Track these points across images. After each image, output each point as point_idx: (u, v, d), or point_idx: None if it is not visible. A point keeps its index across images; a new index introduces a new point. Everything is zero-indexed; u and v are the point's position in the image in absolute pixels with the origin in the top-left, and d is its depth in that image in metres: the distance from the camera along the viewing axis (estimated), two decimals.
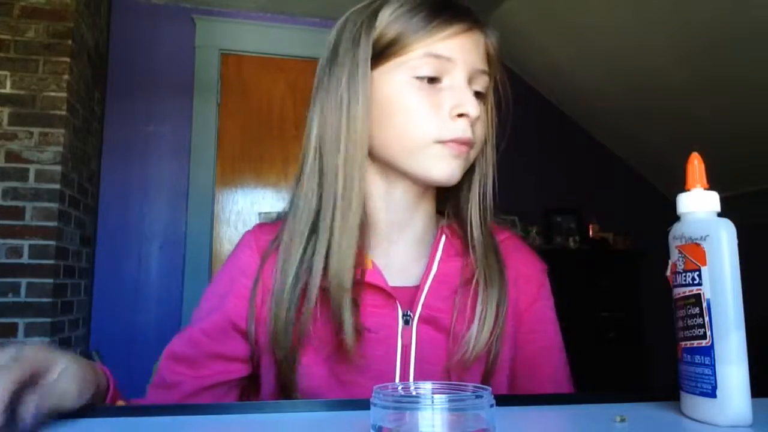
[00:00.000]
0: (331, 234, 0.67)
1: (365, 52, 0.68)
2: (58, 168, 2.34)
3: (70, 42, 2.40)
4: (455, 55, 0.67)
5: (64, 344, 2.45)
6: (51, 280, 2.29)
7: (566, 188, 3.42)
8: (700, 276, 0.51)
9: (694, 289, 0.51)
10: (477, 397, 0.41)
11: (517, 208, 3.26)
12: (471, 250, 0.73)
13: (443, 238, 0.75)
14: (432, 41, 0.67)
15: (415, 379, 0.68)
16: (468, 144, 0.68)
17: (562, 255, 3.23)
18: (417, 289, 0.71)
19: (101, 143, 2.92)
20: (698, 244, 0.51)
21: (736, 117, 2.80)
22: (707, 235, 0.51)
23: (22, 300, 2.26)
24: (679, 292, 0.53)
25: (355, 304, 0.67)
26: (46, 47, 2.38)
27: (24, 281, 2.27)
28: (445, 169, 0.68)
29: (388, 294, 0.70)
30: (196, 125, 3.04)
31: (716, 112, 2.84)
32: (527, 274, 0.78)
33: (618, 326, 3.17)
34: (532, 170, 3.38)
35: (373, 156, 0.71)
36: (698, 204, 0.54)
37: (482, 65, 0.70)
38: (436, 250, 0.74)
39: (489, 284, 0.70)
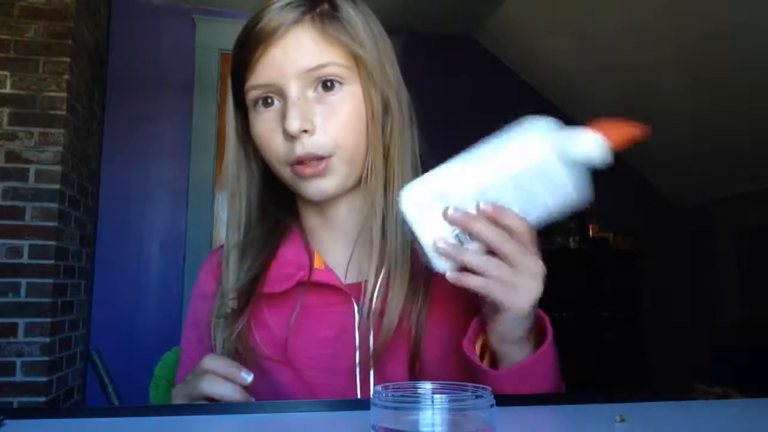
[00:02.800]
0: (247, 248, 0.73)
1: (229, 90, 0.73)
2: (58, 168, 2.34)
3: (70, 42, 2.40)
4: (270, 76, 0.66)
5: (64, 344, 2.45)
6: (51, 280, 2.29)
7: None
8: None
9: None
10: (477, 397, 0.41)
11: None
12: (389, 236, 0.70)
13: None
14: (249, 73, 0.67)
15: (375, 372, 0.68)
16: (312, 159, 0.66)
17: (562, 255, 3.23)
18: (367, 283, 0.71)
19: (101, 143, 2.92)
20: None
21: (737, 117, 2.80)
22: None
23: (22, 300, 2.26)
24: None
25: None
26: (46, 47, 2.38)
27: (24, 281, 2.27)
28: (308, 190, 0.68)
29: (342, 291, 0.70)
30: (196, 125, 3.04)
31: (716, 112, 2.84)
32: None
33: (618, 326, 3.17)
34: None
35: None
36: None
37: (310, 61, 0.66)
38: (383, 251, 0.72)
39: (400, 267, 0.68)
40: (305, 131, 0.65)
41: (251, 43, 0.66)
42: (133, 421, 0.52)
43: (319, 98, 0.67)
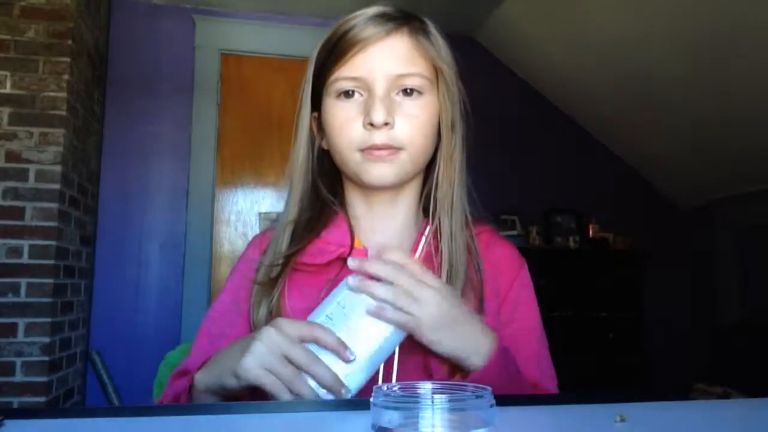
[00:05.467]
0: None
1: (308, 80, 0.80)
2: (58, 168, 2.34)
3: (70, 42, 2.40)
4: (362, 72, 0.74)
5: (64, 344, 2.45)
6: (51, 280, 2.29)
7: (566, 188, 3.42)
8: None
9: None
10: (477, 397, 0.41)
11: (518, 208, 3.26)
12: (441, 244, 0.78)
13: (427, 229, 0.80)
14: (342, 64, 0.75)
15: (399, 354, 0.72)
16: (387, 148, 0.74)
17: (562, 255, 3.23)
18: None
19: (101, 143, 2.92)
20: None
21: (737, 117, 2.80)
22: None
23: (22, 300, 2.26)
24: None
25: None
26: (46, 47, 2.38)
27: (24, 281, 2.27)
28: (371, 173, 0.75)
29: None
30: (196, 125, 3.04)
31: (717, 112, 2.84)
32: (504, 265, 0.83)
33: (618, 326, 3.17)
34: (532, 170, 3.38)
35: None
36: None
37: (401, 68, 0.75)
38: (421, 236, 0.80)
39: (453, 278, 0.75)
40: (386, 124, 0.73)
41: (348, 42, 0.74)
42: (133, 421, 0.52)
43: (400, 102, 0.75)
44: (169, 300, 2.88)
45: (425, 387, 0.46)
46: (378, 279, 0.64)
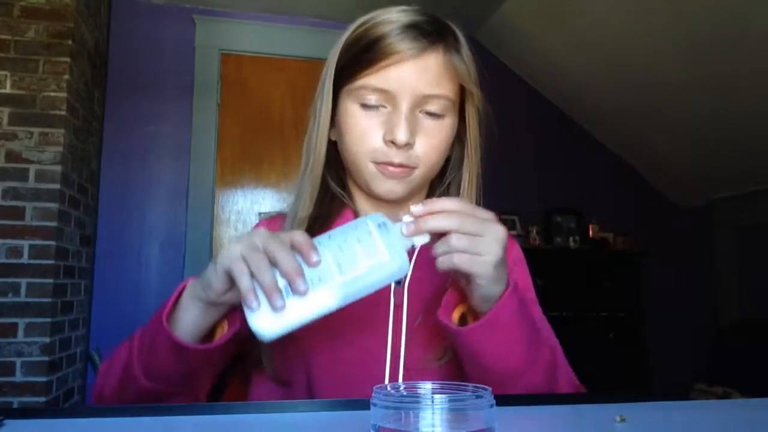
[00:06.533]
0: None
1: (329, 75, 0.77)
2: (58, 168, 2.34)
3: (70, 42, 2.40)
4: (392, 86, 0.72)
5: (64, 344, 2.45)
6: (51, 280, 2.29)
7: (566, 188, 3.42)
8: None
9: None
10: (477, 397, 0.41)
11: (517, 208, 3.26)
12: None
13: None
14: (370, 72, 0.73)
15: (407, 339, 0.72)
16: (402, 167, 0.74)
17: (562, 255, 3.23)
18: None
19: (101, 143, 2.92)
20: None
21: (737, 117, 2.80)
22: None
23: (22, 300, 2.26)
24: None
25: None
26: (46, 47, 2.38)
27: (24, 281, 2.27)
28: (381, 187, 0.76)
29: None
30: (196, 125, 3.04)
31: (717, 112, 2.84)
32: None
33: (618, 326, 3.17)
34: (532, 170, 3.38)
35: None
36: None
37: (430, 89, 0.73)
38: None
39: None
40: (407, 144, 0.72)
41: (381, 52, 0.72)
42: (133, 421, 0.52)
43: (422, 120, 0.74)
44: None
45: (425, 387, 0.46)
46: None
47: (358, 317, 0.72)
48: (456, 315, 0.68)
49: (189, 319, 0.62)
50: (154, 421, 0.52)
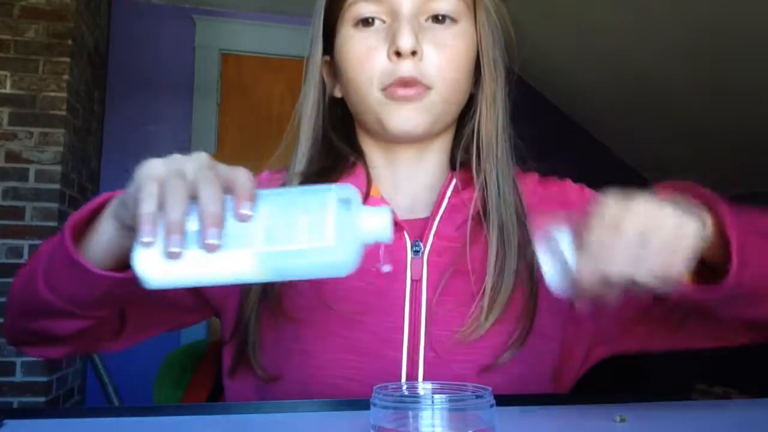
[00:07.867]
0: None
1: (318, 15, 0.70)
2: (58, 168, 2.34)
3: (70, 42, 2.40)
4: None
5: None
6: None
7: None
8: None
9: None
10: (477, 397, 0.41)
11: None
12: (488, 205, 0.66)
13: (453, 180, 0.69)
14: None
15: (427, 315, 0.62)
16: (414, 84, 0.62)
17: None
18: (427, 220, 0.67)
19: (101, 143, 2.92)
20: None
21: (737, 117, 2.80)
22: None
23: None
24: None
25: None
26: (46, 47, 2.38)
27: None
28: (395, 117, 0.64)
29: (396, 224, 0.64)
30: (196, 125, 3.04)
31: (717, 112, 2.84)
32: (573, 202, 0.74)
33: None
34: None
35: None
36: None
37: None
38: (446, 188, 0.68)
39: (506, 245, 0.63)
40: (414, 53, 0.61)
41: None
42: (133, 421, 0.52)
43: (430, 29, 0.64)
44: None
45: (425, 387, 0.46)
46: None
47: (369, 293, 0.62)
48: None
49: (103, 240, 0.53)
50: (154, 421, 0.52)
